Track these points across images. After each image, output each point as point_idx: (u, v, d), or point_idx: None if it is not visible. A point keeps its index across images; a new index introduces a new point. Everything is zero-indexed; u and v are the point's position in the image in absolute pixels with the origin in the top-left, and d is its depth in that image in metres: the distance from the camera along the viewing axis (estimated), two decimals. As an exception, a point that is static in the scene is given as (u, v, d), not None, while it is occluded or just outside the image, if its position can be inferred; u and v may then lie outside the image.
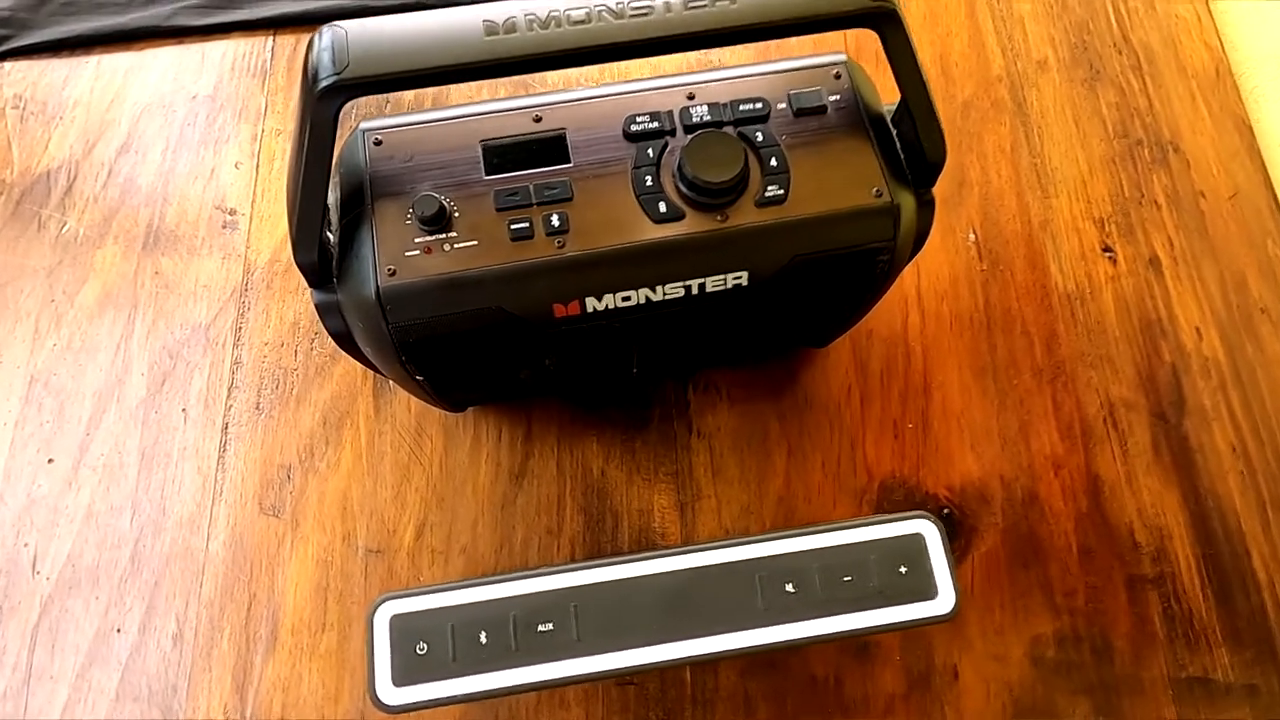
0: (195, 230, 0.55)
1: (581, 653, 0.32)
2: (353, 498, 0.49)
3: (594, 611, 0.33)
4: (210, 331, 0.52)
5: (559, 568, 0.33)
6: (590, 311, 0.35)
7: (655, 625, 0.33)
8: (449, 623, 0.32)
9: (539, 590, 0.33)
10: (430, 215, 0.33)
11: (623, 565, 0.34)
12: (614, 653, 0.32)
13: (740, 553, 0.34)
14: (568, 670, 0.32)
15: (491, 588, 0.33)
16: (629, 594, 0.33)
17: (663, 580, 0.33)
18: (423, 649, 0.32)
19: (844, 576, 0.33)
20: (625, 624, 0.33)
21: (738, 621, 0.33)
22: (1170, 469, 0.50)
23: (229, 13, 0.60)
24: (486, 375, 0.40)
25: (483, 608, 0.33)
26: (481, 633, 0.32)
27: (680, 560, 0.34)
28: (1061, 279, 0.55)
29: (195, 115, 0.58)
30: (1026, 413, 0.51)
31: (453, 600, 0.33)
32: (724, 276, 0.35)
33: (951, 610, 0.33)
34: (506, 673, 0.32)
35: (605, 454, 0.50)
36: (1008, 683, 0.46)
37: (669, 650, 0.33)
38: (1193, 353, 0.53)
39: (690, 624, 0.33)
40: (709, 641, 0.33)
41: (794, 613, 0.33)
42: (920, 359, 0.52)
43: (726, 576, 0.33)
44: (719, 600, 0.33)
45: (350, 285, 0.34)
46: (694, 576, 0.33)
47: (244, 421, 0.50)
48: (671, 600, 0.33)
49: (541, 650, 0.32)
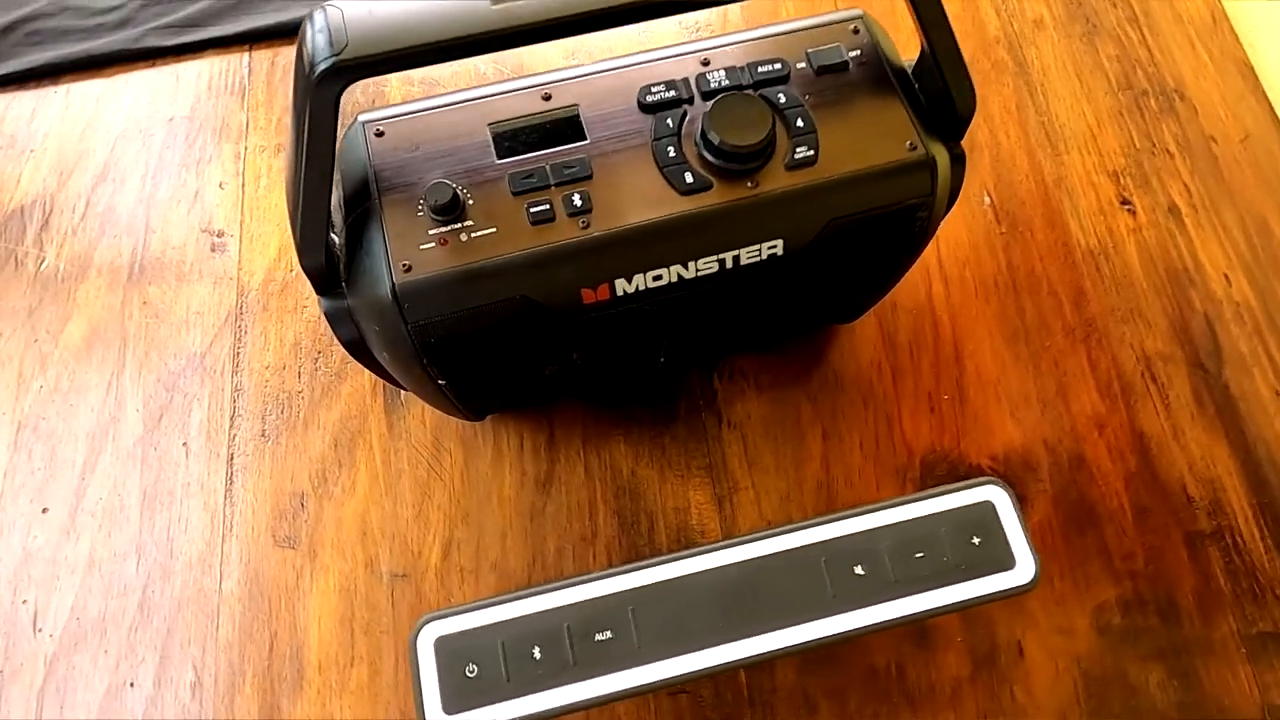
0: (183, 256, 0.52)
1: (644, 660, 0.30)
2: (372, 521, 0.46)
3: (653, 614, 0.30)
4: (207, 360, 0.50)
5: (611, 571, 0.31)
6: (620, 295, 0.33)
7: (719, 624, 0.30)
8: (499, 640, 0.30)
9: (592, 597, 0.31)
10: (443, 204, 0.31)
11: (679, 562, 0.31)
12: (678, 657, 0.30)
13: (802, 538, 0.32)
14: (631, 680, 0.30)
15: (540, 598, 0.31)
16: (689, 593, 0.31)
17: (723, 575, 0.31)
18: (473, 671, 0.29)
19: (915, 553, 0.31)
20: (687, 625, 0.30)
21: (807, 612, 0.31)
22: (1215, 419, 0.49)
23: (201, 31, 0.58)
24: (512, 374, 0.37)
25: (534, 621, 0.30)
26: (535, 648, 0.30)
27: (739, 552, 0.31)
28: (1082, 235, 0.53)
29: (174, 138, 0.55)
30: (1063, 374, 0.50)
31: (500, 615, 0.30)
32: (758, 246, 0.33)
33: (1033, 579, 0.31)
34: (566, 689, 0.29)
35: (634, 453, 0.48)
36: (1076, 655, 0.44)
37: (736, 649, 0.30)
38: (1224, 299, 0.52)
39: (756, 619, 0.31)
40: (778, 636, 0.30)
41: (866, 597, 0.31)
42: (949, 328, 0.51)
43: (790, 565, 0.31)
44: (784, 591, 0.31)
45: (362, 287, 0.32)
46: (756, 568, 0.31)
47: (250, 451, 0.47)
48: (734, 595, 0.31)
49: (601, 661, 0.30)
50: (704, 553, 0.31)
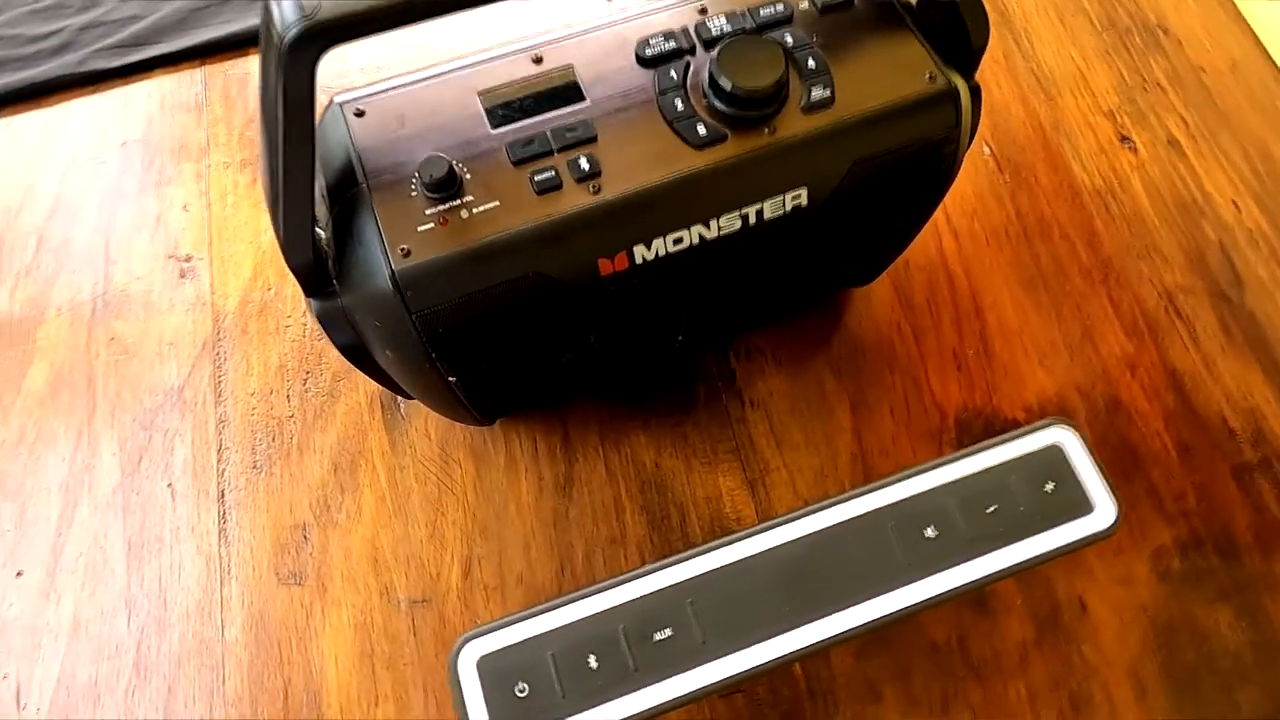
0: (149, 286, 0.49)
1: (710, 656, 0.27)
2: (383, 546, 0.43)
3: (714, 605, 0.28)
4: (186, 393, 0.46)
5: (663, 562, 0.28)
6: (640, 263, 0.30)
7: (787, 607, 0.28)
8: (548, 652, 0.27)
9: (645, 593, 0.28)
10: (439, 179, 0.28)
11: (735, 545, 0.29)
12: (748, 648, 0.27)
13: (864, 504, 0.29)
14: (699, 680, 0.27)
15: (588, 602, 0.28)
16: (750, 577, 0.28)
17: (785, 554, 0.28)
18: (523, 690, 0.26)
19: (987, 508, 0.29)
20: (753, 613, 0.28)
21: (879, 584, 0.28)
22: (1245, 348, 0.47)
23: (147, 49, 0.54)
24: (527, 365, 0.34)
25: (584, 627, 0.27)
26: (589, 656, 0.27)
27: (798, 527, 0.29)
28: (1086, 177, 0.52)
29: (128, 163, 0.52)
30: (1086, 317, 0.48)
31: (547, 625, 0.27)
32: (781, 197, 0.31)
33: (1115, 521, 0.29)
34: (630, 698, 0.26)
35: (655, 445, 0.45)
36: (1140, 605, 0.42)
37: (808, 633, 0.28)
38: (1235, 226, 0.50)
39: (826, 598, 0.28)
40: (851, 614, 0.28)
41: (941, 560, 0.28)
42: (965, 282, 0.49)
43: (855, 535, 0.29)
44: (852, 563, 0.28)
45: (357, 281, 0.29)
46: (819, 543, 0.29)
47: (242, 485, 0.44)
48: (800, 575, 0.28)
49: (664, 663, 0.27)
50: (761, 532, 0.29)
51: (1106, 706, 0.40)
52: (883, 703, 0.40)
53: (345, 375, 0.46)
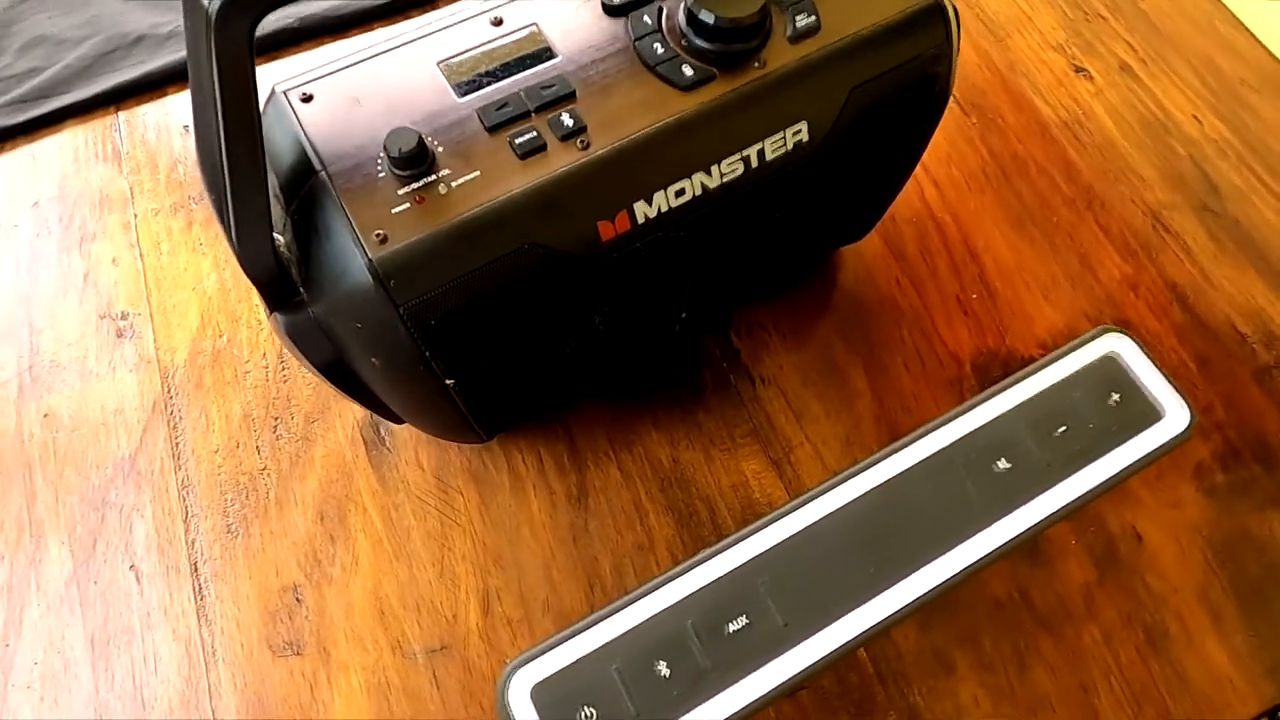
0: (83, 351, 0.44)
1: (794, 640, 0.24)
2: (388, 595, 0.38)
3: (790, 581, 0.24)
4: (139, 462, 0.41)
5: (722, 545, 0.25)
6: (642, 222, 0.27)
7: (869, 569, 0.25)
8: (611, 667, 0.23)
9: (710, 580, 0.24)
10: (409, 153, 0.25)
11: (797, 514, 0.26)
12: (834, 624, 0.24)
13: (927, 446, 0.27)
14: (788, 669, 0.23)
15: (645, 603, 0.24)
16: (822, 543, 0.25)
17: (854, 511, 0.26)
18: (590, 716, 0.22)
19: (1056, 430, 0.26)
20: (833, 583, 0.24)
21: (960, 529, 0.25)
22: (1237, 253, 0.47)
23: (53, 101, 0.50)
24: (529, 358, 0.31)
25: (646, 632, 0.24)
26: (659, 664, 0.23)
27: (863, 480, 0.26)
28: (1050, 110, 0.52)
29: (44, 224, 0.47)
30: (1079, 245, 0.47)
31: (603, 636, 0.24)
32: (781, 134, 0.28)
33: (1190, 423, 0.27)
34: (713, 702, 0.23)
35: (669, 439, 0.42)
36: (1194, 526, 0.40)
37: (898, 595, 0.25)
38: (1201, 139, 0.51)
39: (908, 552, 0.25)
40: (939, 566, 0.25)
41: (1020, 492, 0.26)
42: (954, 228, 0.48)
43: (924, 480, 0.26)
44: (927, 510, 0.26)
45: (328, 282, 0.26)
46: (887, 493, 0.26)
47: (217, 554, 0.39)
48: (874, 531, 0.25)
49: (744, 656, 0.23)
50: (825, 493, 0.26)
51: (1183, 636, 0.38)
52: (955, 672, 0.37)
53: (319, 415, 0.42)
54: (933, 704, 0.37)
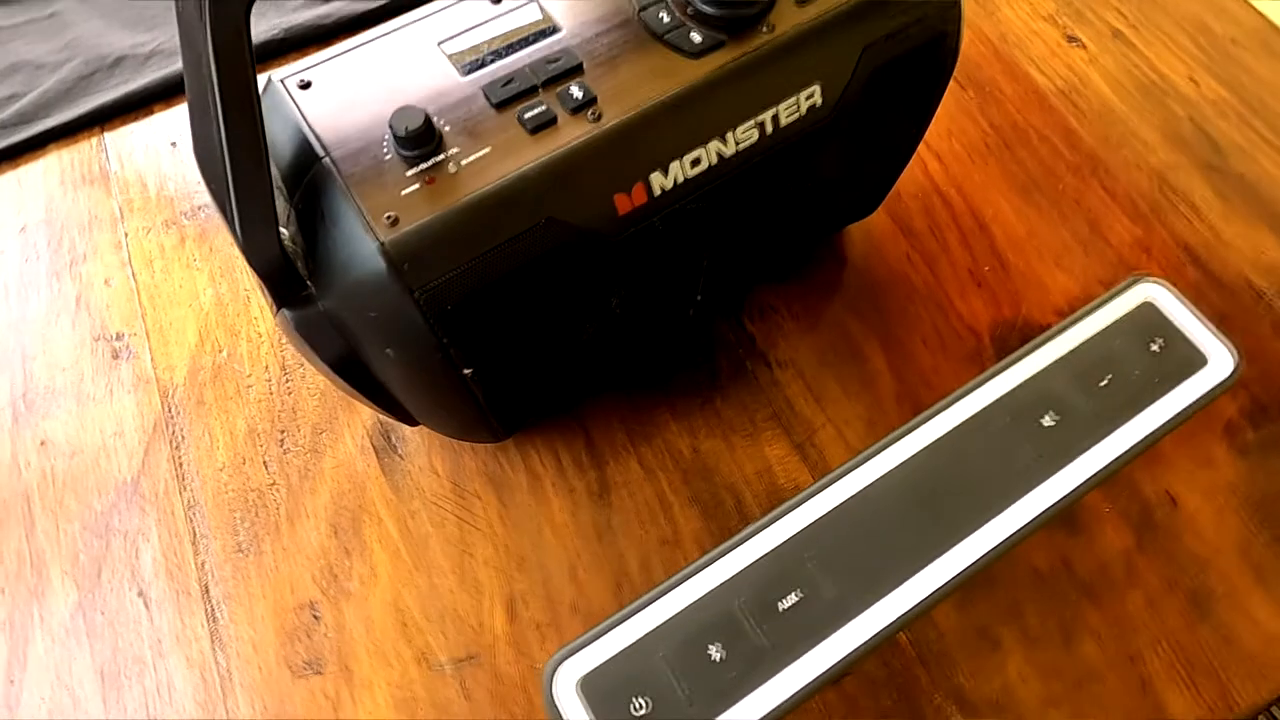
0: (78, 375, 0.42)
1: (851, 613, 0.23)
2: (409, 606, 0.37)
3: (840, 552, 0.23)
4: (142, 484, 0.39)
5: (764, 521, 0.24)
6: (659, 195, 0.27)
7: (921, 536, 0.24)
8: (659, 654, 0.22)
9: (754, 559, 0.23)
10: (416, 131, 0.24)
11: (841, 483, 0.25)
12: (891, 594, 0.23)
13: (967, 408, 0.26)
14: (847, 643, 0.22)
15: (690, 585, 0.23)
16: (869, 513, 0.24)
17: (901, 477, 0.25)
18: (642, 707, 0.21)
19: (1100, 381, 0.26)
20: (886, 552, 0.23)
21: (1011, 487, 0.24)
22: (1245, 209, 0.47)
23: (35, 125, 0.49)
24: (547, 345, 0.30)
25: (695, 614, 0.23)
26: (710, 648, 0.22)
27: (904, 447, 0.25)
28: (1046, 80, 0.51)
29: (32, 248, 0.46)
30: (1088, 211, 0.47)
31: (649, 623, 0.22)
32: (795, 98, 0.28)
33: (1235, 365, 0.26)
34: (770, 685, 0.22)
35: (688, 429, 0.41)
36: (1229, 485, 0.39)
37: (955, 560, 0.23)
38: (1198, 100, 0.50)
39: (960, 516, 0.24)
40: (995, 527, 0.24)
41: (1070, 445, 0.25)
42: (960, 201, 0.47)
43: (971, 439, 0.25)
44: (977, 470, 0.25)
45: (337, 271, 0.25)
46: (934, 455, 0.25)
47: (229, 574, 0.37)
48: (924, 495, 0.24)
49: (800, 633, 0.22)
50: (866, 461, 0.25)
51: (1228, 597, 0.37)
52: (1001, 648, 0.36)
53: (327, 426, 0.41)
54: (980, 684, 0.35)
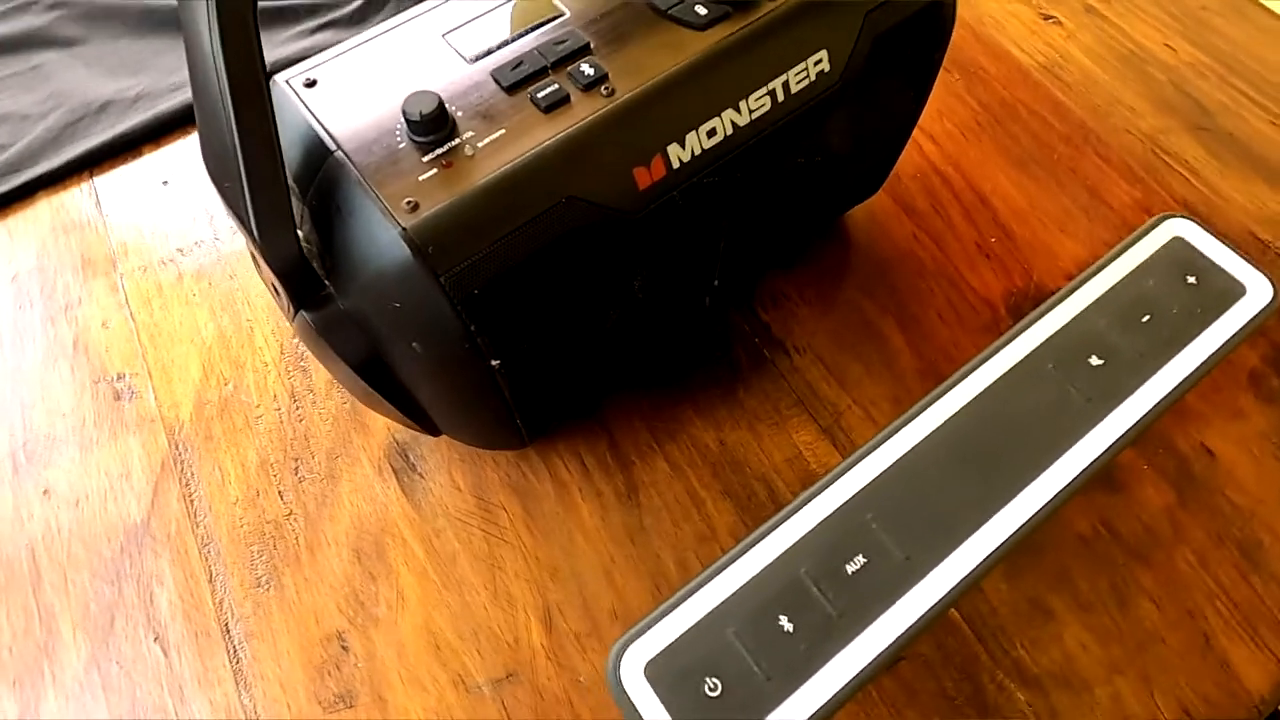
0: (80, 420, 0.41)
1: (921, 572, 0.22)
2: (441, 628, 0.35)
3: (901, 511, 0.22)
4: (153, 526, 0.38)
5: (818, 487, 0.23)
6: (677, 167, 0.26)
7: (982, 486, 0.23)
8: (728, 630, 0.21)
9: (813, 525, 0.22)
10: (431, 115, 0.23)
11: (891, 442, 0.24)
12: (958, 550, 0.22)
13: (1012, 354, 0.25)
14: (919, 605, 0.21)
15: (749, 558, 0.22)
16: (926, 466, 0.23)
17: (953, 429, 0.24)
18: (714, 687, 0.20)
19: (1142, 318, 0.25)
20: (947, 507, 0.23)
21: (1069, 431, 0.24)
22: (1240, 166, 0.47)
23: (23, 174, 0.48)
24: (571, 332, 0.29)
25: (759, 587, 0.21)
26: (780, 619, 0.21)
27: (953, 400, 0.24)
28: (1027, 57, 0.52)
29: (24, 296, 0.45)
30: (1085, 178, 0.47)
31: (712, 600, 0.21)
32: (804, 64, 0.28)
33: (1275, 294, 0.26)
34: (848, 653, 0.21)
35: (713, 422, 0.40)
36: (1261, 434, 0.39)
37: (1019, 509, 0.23)
38: (1178, 65, 0.51)
39: (1018, 463, 0.23)
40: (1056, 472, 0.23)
41: (1120, 386, 0.24)
42: (959, 178, 0.47)
43: (1019, 386, 0.24)
44: (1030, 417, 0.24)
45: (358, 266, 0.24)
46: (984, 405, 0.24)
47: (250, 611, 0.36)
48: (979, 446, 0.23)
49: (871, 597, 0.21)
50: (917, 416, 0.24)
51: (1277, 546, 0.36)
52: (1055, 617, 0.35)
53: (341, 450, 0.39)
54: (1038, 656, 0.34)
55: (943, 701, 0.33)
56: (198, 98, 0.22)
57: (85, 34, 0.55)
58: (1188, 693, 0.33)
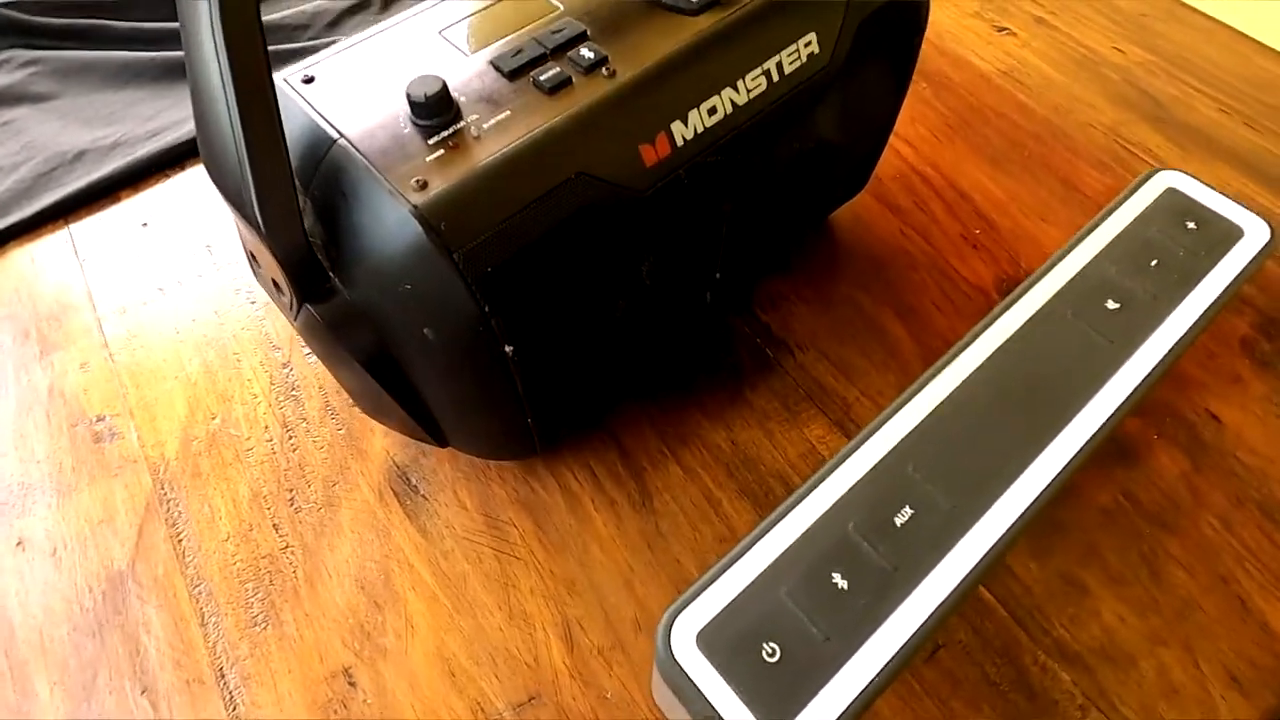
0: (56, 466, 0.39)
1: (970, 519, 0.21)
2: (455, 653, 0.33)
3: (941, 461, 0.22)
4: (138, 570, 0.35)
5: (856, 442, 0.22)
6: (681, 145, 0.26)
7: (1019, 431, 0.22)
8: (780, 591, 0.20)
9: (855, 480, 0.22)
10: (435, 96, 0.23)
11: (923, 393, 0.23)
12: (1004, 495, 0.21)
13: (1026, 308, 0.25)
14: (974, 552, 0.20)
15: (792, 518, 0.21)
16: (960, 416, 0.23)
17: (980, 382, 0.23)
18: (773, 652, 0.19)
19: (1149, 264, 0.26)
20: (987, 454, 0.22)
21: (1097, 372, 0.24)
22: (1200, 149, 0.49)
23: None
24: (582, 319, 0.28)
25: (806, 547, 0.20)
26: (834, 576, 0.20)
27: (978, 350, 0.24)
28: (988, 65, 0.55)
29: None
30: (1057, 170, 0.49)
31: (759, 563, 0.20)
32: (795, 45, 0.28)
33: (1271, 232, 0.26)
34: (909, 605, 0.20)
35: (723, 423, 0.39)
36: (1263, 396, 0.39)
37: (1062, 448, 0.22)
38: (1127, 65, 0.54)
39: (1053, 406, 0.23)
40: (1090, 414, 0.23)
41: (1140, 326, 0.24)
42: (937, 177, 0.49)
43: (1043, 333, 0.24)
44: (1057, 362, 0.24)
45: (366, 251, 0.23)
46: (1007, 357, 0.24)
47: (245, 653, 0.33)
48: (1011, 393, 0.23)
49: (923, 548, 0.20)
50: (944, 369, 0.24)
51: (1297, 504, 0.36)
52: (1090, 593, 0.34)
53: (339, 477, 0.38)
54: (1078, 633, 0.33)
55: (987, 688, 0.32)
56: (196, 87, 0.22)
57: (59, 89, 0.55)
58: (1232, 658, 0.32)
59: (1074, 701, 0.32)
